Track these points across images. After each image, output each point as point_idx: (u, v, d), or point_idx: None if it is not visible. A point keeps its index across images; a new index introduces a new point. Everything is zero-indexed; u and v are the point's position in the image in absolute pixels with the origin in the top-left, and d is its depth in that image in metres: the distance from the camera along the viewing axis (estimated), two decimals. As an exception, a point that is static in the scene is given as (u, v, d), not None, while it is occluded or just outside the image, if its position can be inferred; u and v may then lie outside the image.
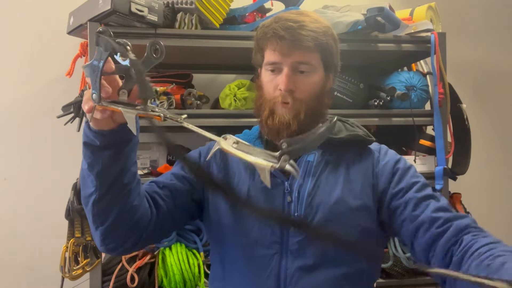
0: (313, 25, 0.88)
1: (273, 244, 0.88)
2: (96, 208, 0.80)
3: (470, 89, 2.15)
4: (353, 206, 0.89)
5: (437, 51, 1.50)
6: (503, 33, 2.25)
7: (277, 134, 0.90)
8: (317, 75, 0.92)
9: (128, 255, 1.43)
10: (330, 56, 0.93)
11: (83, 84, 1.43)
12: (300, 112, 0.89)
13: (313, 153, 0.94)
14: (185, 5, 1.38)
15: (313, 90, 0.91)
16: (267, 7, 1.61)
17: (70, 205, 1.28)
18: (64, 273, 1.26)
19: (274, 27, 0.88)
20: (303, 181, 0.91)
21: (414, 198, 0.87)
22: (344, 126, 0.99)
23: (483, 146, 2.13)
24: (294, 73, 0.89)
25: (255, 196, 0.91)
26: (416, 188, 0.89)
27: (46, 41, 1.80)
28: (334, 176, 0.92)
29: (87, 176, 0.79)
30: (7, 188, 1.78)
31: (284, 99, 0.88)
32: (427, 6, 1.62)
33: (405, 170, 0.93)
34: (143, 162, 1.48)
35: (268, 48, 0.90)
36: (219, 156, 0.98)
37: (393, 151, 0.99)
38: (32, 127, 1.79)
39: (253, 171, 0.92)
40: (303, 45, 0.87)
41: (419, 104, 1.56)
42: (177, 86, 1.48)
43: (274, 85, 0.90)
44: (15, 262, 1.77)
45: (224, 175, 0.96)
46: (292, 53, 0.88)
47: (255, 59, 0.97)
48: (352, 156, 0.95)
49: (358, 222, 0.89)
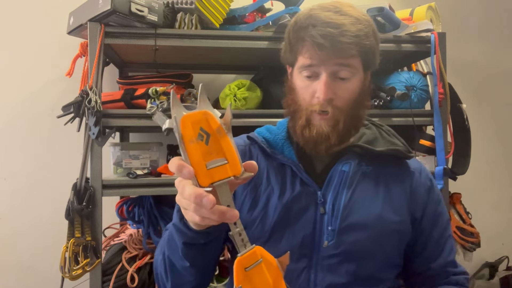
0: (355, 28, 0.78)
1: (302, 257, 0.81)
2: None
3: (470, 89, 2.16)
4: (393, 225, 0.83)
5: (437, 51, 1.50)
6: (503, 33, 2.25)
7: (314, 147, 0.83)
8: (357, 79, 0.83)
9: (128, 255, 1.43)
10: (372, 57, 0.84)
11: (83, 84, 1.43)
12: (339, 122, 0.81)
13: (348, 163, 0.86)
14: (185, 5, 1.38)
15: (353, 96, 0.83)
16: (267, 7, 1.61)
17: (70, 205, 1.28)
18: (64, 273, 1.26)
19: (312, 33, 0.78)
20: (338, 193, 0.83)
21: (433, 240, 0.89)
22: (379, 134, 0.92)
23: (483, 146, 2.13)
24: (333, 79, 0.81)
25: (285, 205, 0.83)
26: (438, 230, 0.90)
27: (46, 41, 1.80)
28: (373, 189, 0.85)
29: (182, 269, 0.75)
30: (7, 188, 1.78)
31: (323, 108, 0.80)
32: (427, 6, 1.62)
33: (437, 203, 0.91)
34: (143, 162, 1.47)
35: (304, 54, 0.81)
36: (244, 159, 0.91)
37: (429, 174, 0.94)
38: (32, 127, 1.79)
39: (284, 180, 0.86)
40: (346, 53, 0.78)
41: (419, 104, 1.56)
42: (177, 86, 1.48)
43: (311, 92, 0.82)
44: (15, 262, 1.77)
45: (250, 181, 0.87)
46: (331, 60, 0.79)
47: (285, 58, 0.89)
48: (391, 170, 0.89)
49: (395, 241, 0.85)
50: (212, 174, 0.54)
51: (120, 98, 1.46)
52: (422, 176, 0.91)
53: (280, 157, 0.87)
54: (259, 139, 0.91)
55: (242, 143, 0.93)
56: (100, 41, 1.31)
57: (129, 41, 1.36)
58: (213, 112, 0.55)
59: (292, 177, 0.86)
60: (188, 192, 0.54)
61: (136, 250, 1.45)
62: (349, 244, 0.80)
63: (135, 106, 1.44)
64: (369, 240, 0.81)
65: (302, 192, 0.84)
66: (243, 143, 0.93)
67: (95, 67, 1.30)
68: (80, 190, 1.31)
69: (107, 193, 1.33)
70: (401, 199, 0.86)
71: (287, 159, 0.87)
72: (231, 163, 0.55)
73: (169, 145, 1.80)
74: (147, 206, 1.50)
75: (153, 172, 1.46)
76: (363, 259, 0.79)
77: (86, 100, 1.28)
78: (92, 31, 1.32)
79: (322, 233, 0.81)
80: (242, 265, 0.58)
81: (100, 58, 1.31)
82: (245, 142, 0.94)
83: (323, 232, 0.81)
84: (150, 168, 1.47)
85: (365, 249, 0.81)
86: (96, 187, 1.32)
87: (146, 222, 1.47)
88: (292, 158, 0.87)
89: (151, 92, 1.37)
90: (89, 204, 1.30)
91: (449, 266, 0.90)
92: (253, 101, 1.52)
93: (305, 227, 0.82)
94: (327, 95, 0.79)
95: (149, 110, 1.36)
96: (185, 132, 0.53)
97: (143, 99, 1.41)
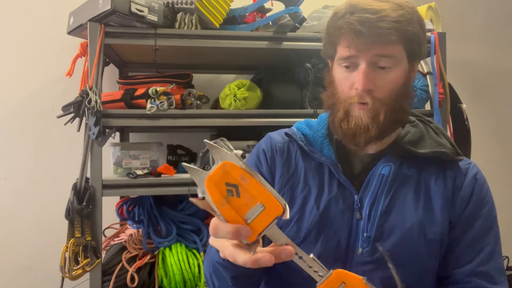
0: (396, 14, 0.73)
1: (336, 262, 0.76)
2: None
3: (470, 89, 2.16)
4: (431, 235, 0.78)
5: (437, 51, 1.50)
6: (503, 33, 2.25)
7: (353, 139, 0.77)
8: (400, 69, 0.77)
9: (128, 255, 1.43)
10: (417, 45, 0.78)
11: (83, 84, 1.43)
12: (379, 113, 0.76)
13: (388, 165, 0.80)
14: (185, 5, 1.38)
15: (395, 87, 0.77)
16: (267, 7, 1.61)
17: (70, 205, 1.28)
18: (64, 273, 1.26)
19: (349, 20, 0.73)
20: (376, 198, 0.79)
21: (463, 243, 0.81)
22: (426, 131, 0.86)
23: (483, 146, 2.13)
24: (372, 69, 0.75)
25: (322, 208, 0.80)
26: (473, 234, 0.81)
27: (46, 41, 1.80)
28: (413, 195, 0.80)
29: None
30: (7, 188, 1.78)
31: (362, 99, 0.75)
32: (427, 6, 1.62)
33: (479, 205, 0.83)
34: (143, 162, 1.47)
35: (342, 43, 0.77)
36: (282, 158, 0.87)
37: (483, 176, 0.86)
38: (32, 127, 1.79)
39: (322, 181, 0.82)
40: (385, 39, 0.73)
41: (419, 104, 1.56)
42: (177, 86, 1.48)
43: (350, 83, 0.77)
44: (15, 262, 1.77)
45: (287, 181, 0.85)
46: (370, 48, 0.74)
47: (326, 51, 0.84)
48: (435, 173, 0.82)
49: (433, 251, 0.79)
50: (255, 226, 0.51)
51: (120, 98, 1.47)
52: (467, 177, 0.84)
53: (318, 156, 0.84)
54: (298, 136, 0.87)
55: (280, 141, 0.90)
56: (100, 41, 1.31)
57: (129, 41, 1.36)
58: (230, 158, 0.51)
59: (330, 178, 0.83)
60: (243, 260, 0.51)
61: (136, 250, 1.45)
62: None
63: (135, 106, 1.44)
64: (405, 249, 0.76)
65: (339, 194, 0.81)
66: (281, 141, 0.90)
67: (95, 67, 1.30)
68: (80, 190, 1.31)
69: (107, 193, 1.33)
70: (442, 206, 0.80)
71: (325, 158, 0.83)
72: (268, 207, 0.51)
73: (169, 145, 1.80)
74: (147, 206, 1.50)
75: (153, 172, 1.46)
76: (398, 268, 0.73)
77: (86, 100, 1.28)
78: (92, 31, 1.32)
79: (357, 239, 0.78)
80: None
81: (100, 58, 1.31)
82: (284, 139, 0.90)
83: (358, 238, 0.78)
84: (150, 168, 1.47)
85: (400, 257, 0.75)
86: (96, 187, 1.32)
87: (146, 222, 1.47)
88: (331, 158, 0.83)
89: (151, 92, 1.37)
90: (89, 204, 1.30)
91: (477, 276, 0.78)
92: (253, 101, 1.52)
93: (341, 231, 0.79)
94: (365, 85, 0.75)
95: (149, 110, 1.36)
96: (214, 198, 0.50)
97: (143, 99, 1.41)
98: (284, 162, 0.87)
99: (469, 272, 0.79)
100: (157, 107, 1.36)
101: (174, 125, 1.39)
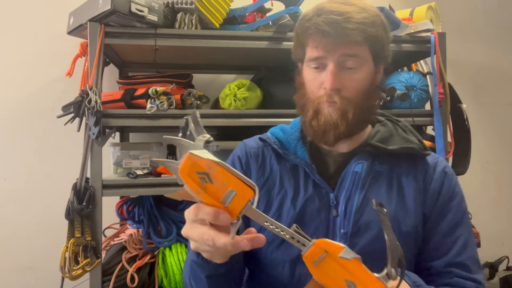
0: (360, 16, 0.78)
1: None
2: None
3: (470, 89, 2.16)
4: (405, 227, 0.81)
5: (437, 51, 1.50)
6: (503, 33, 2.25)
7: (323, 136, 0.81)
8: (366, 69, 0.82)
9: (128, 255, 1.43)
10: (380, 48, 0.83)
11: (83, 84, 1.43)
12: (348, 112, 0.79)
13: (361, 163, 0.84)
14: (185, 5, 1.38)
15: (362, 87, 0.81)
16: (267, 7, 1.61)
17: (70, 205, 1.28)
18: (64, 273, 1.26)
19: (316, 21, 0.78)
20: (350, 195, 0.82)
21: (438, 235, 0.83)
22: (395, 129, 0.90)
23: (483, 146, 2.13)
24: (340, 69, 0.79)
25: (298, 208, 0.82)
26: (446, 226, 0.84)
27: (46, 41, 1.80)
28: (386, 190, 0.83)
29: None
30: (7, 188, 1.78)
31: (330, 99, 0.79)
32: (427, 6, 1.62)
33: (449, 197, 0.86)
34: (143, 162, 1.47)
35: (310, 44, 0.81)
36: (257, 163, 0.90)
37: (451, 169, 0.90)
38: (32, 127, 1.79)
39: (297, 182, 0.85)
40: (350, 39, 0.77)
41: (419, 104, 1.56)
42: (177, 86, 1.48)
43: (319, 83, 0.81)
44: (15, 262, 1.77)
45: (263, 185, 0.88)
46: (337, 48, 0.78)
47: (295, 54, 0.88)
48: (406, 168, 0.86)
49: (408, 243, 0.81)
50: (232, 209, 0.53)
51: (120, 98, 1.47)
52: (436, 171, 0.88)
53: (293, 158, 0.86)
54: (272, 140, 0.90)
55: (254, 146, 0.93)
56: (100, 41, 1.31)
57: (129, 41, 1.36)
58: (195, 148, 0.53)
59: (305, 178, 0.85)
60: (222, 242, 0.53)
61: (136, 250, 1.45)
62: (361, 246, 0.79)
63: (135, 106, 1.44)
64: (381, 243, 0.78)
65: (315, 194, 0.83)
66: (256, 146, 0.93)
67: (95, 67, 1.30)
68: (80, 190, 1.31)
69: (107, 193, 1.33)
70: (415, 199, 0.84)
71: (299, 160, 0.86)
72: (239, 192, 0.52)
73: (169, 145, 1.80)
74: (147, 206, 1.50)
75: (153, 172, 1.46)
76: (376, 262, 0.74)
77: (86, 100, 1.28)
78: (92, 31, 1.32)
79: (335, 236, 0.80)
80: (309, 260, 0.57)
81: (100, 58, 1.31)
82: (258, 144, 0.93)
83: (336, 235, 0.80)
84: (150, 168, 1.47)
85: (378, 251, 0.77)
86: (96, 187, 1.32)
87: (146, 222, 1.47)
88: (305, 159, 0.86)
89: (151, 92, 1.37)
90: (89, 204, 1.30)
91: (455, 267, 0.82)
92: (253, 101, 1.52)
93: (319, 230, 0.81)
94: (334, 85, 0.79)
95: (149, 110, 1.36)
96: (191, 186, 0.52)
97: (143, 99, 1.41)
98: (259, 166, 0.90)
99: (447, 263, 0.82)
100: (157, 107, 1.36)
101: (174, 125, 1.39)
